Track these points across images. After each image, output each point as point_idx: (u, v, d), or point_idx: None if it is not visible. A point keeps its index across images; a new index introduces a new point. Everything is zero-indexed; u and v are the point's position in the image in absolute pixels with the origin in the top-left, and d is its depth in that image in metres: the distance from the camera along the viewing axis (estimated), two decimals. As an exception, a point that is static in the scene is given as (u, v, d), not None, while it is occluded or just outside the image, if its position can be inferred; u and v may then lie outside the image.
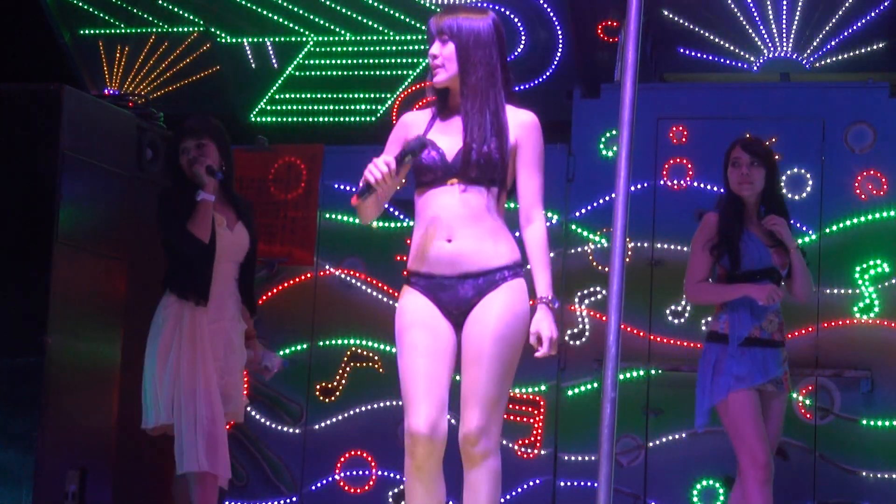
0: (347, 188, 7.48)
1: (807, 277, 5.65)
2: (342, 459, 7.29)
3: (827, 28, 7.35)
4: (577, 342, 6.99)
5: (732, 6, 7.39)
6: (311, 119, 7.95)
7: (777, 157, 5.91)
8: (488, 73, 4.12)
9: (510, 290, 4.10)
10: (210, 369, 5.58)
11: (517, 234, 4.22)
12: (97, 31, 8.03)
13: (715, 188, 6.97)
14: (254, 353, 5.87)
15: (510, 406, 7.07)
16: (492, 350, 4.05)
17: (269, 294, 7.43)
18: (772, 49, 7.52)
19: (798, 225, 6.81)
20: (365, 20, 7.72)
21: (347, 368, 7.35)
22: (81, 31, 8.05)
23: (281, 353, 7.12)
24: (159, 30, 7.96)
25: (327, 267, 7.47)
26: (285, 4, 7.78)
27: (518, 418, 7.05)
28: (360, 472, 7.27)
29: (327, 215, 7.50)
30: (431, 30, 4.19)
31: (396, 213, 7.35)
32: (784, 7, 7.35)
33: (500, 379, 4.06)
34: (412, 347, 4.09)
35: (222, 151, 5.73)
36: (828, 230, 6.79)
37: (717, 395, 5.48)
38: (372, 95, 7.89)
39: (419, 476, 4.05)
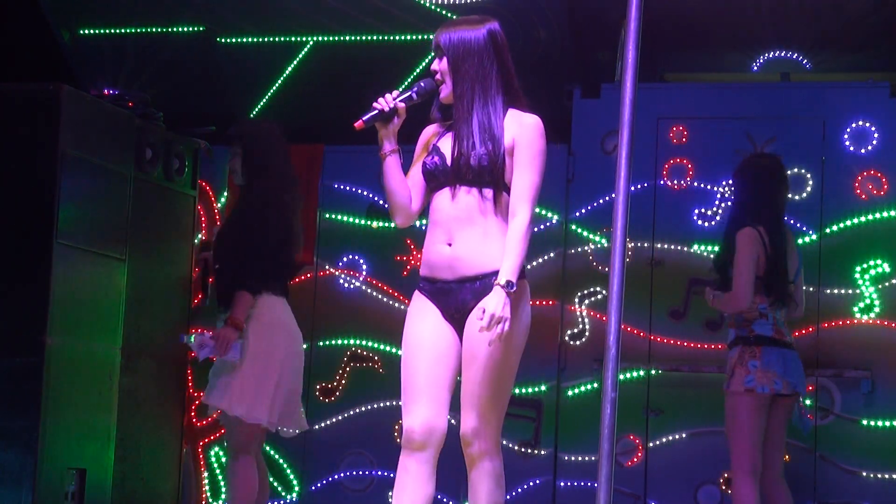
0: (347, 188, 7.48)
1: (727, 307, 6.10)
2: (342, 459, 7.29)
3: (827, 28, 7.34)
4: (577, 342, 6.99)
5: (733, 6, 7.38)
6: (311, 119, 7.94)
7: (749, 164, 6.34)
8: (478, 81, 4.22)
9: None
10: None
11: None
12: (97, 31, 8.02)
13: (715, 188, 6.98)
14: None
15: (510, 406, 7.07)
16: (487, 352, 4.10)
17: (269, 294, 7.42)
18: (772, 49, 7.52)
19: (798, 225, 6.81)
20: (365, 20, 7.72)
21: (347, 368, 7.35)
22: (81, 31, 8.04)
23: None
24: (159, 30, 7.95)
25: (327, 267, 7.47)
26: (285, 4, 7.77)
27: (518, 418, 7.05)
28: (360, 472, 7.27)
29: (327, 215, 7.50)
30: (433, 46, 4.34)
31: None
32: (784, 7, 7.34)
33: (496, 380, 4.14)
34: (413, 348, 4.19)
35: (246, 153, 6.14)
36: (828, 230, 6.79)
37: None
38: (371, 95, 7.87)
39: (411, 470, 4.14)
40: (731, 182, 6.93)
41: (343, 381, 7.36)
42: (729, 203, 6.74)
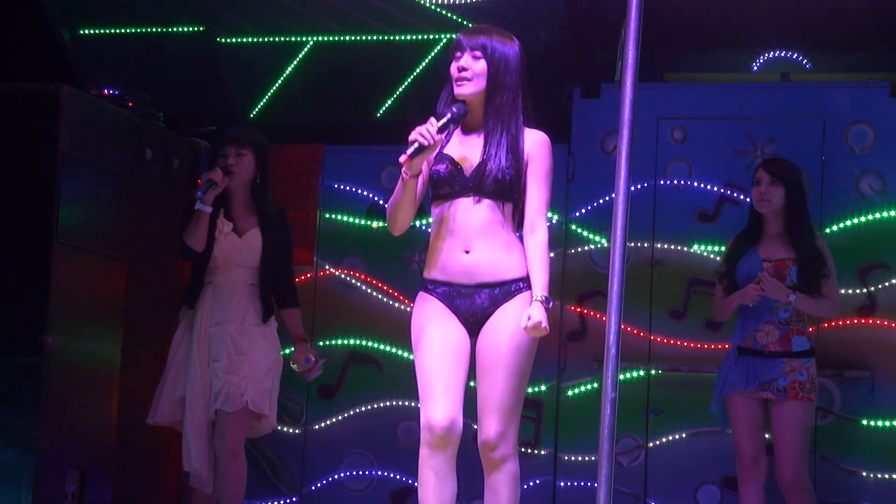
0: (347, 188, 7.47)
1: (818, 311, 6.02)
2: (342, 459, 7.29)
3: (827, 28, 7.34)
4: (577, 342, 6.99)
5: (733, 6, 7.38)
6: (311, 119, 7.94)
7: (800, 176, 6.13)
8: (512, 97, 4.34)
9: (524, 301, 4.29)
10: (196, 373, 6.05)
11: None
12: (97, 31, 8.02)
13: (715, 188, 6.98)
14: (295, 354, 6.35)
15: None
16: (509, 359, 4.26)
17: (269, 294, 7.42)
18: (772, 49, 7.52)
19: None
20: (365, 20, 7.71)
21: (347, 368, 7.35)
22: (81, 31, 8.04)
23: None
24: (159, 30, 7.95)
25: (327, 267, 7.46)
26: (285, 4, 7.77)
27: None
28: (360, 472, 7.27)
29: (327, 215, 7.50)
30: (462, 43, 4.36)
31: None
32: (784, 7, 7.34)
33: (516, 386, 4.28)
34: (429, 347, 4.29)
35: (259, 162, 6.22)
36: (828, 230, 6.78)
37: (714, 393, 6.04)
38: (371, 95, 7.88)
39: (434, 466, 4.22)
40: (728, 181, 6.95)
41: (343, 382, 7.36)
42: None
